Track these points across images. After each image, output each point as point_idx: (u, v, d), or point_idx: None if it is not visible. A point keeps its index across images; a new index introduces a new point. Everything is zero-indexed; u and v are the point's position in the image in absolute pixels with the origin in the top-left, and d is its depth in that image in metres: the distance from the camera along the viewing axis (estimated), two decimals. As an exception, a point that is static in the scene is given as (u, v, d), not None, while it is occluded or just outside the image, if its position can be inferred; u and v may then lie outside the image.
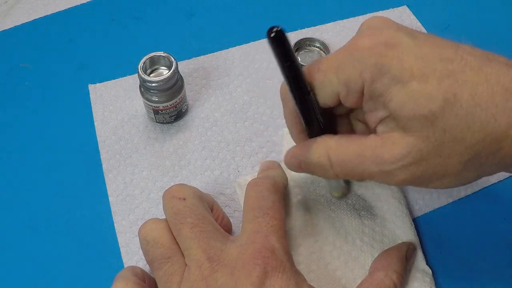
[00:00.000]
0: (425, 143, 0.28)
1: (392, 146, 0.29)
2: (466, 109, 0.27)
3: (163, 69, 0.45)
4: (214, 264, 0.31)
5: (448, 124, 0.27)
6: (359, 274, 0.37)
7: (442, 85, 0.27)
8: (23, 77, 0.51)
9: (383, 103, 0.29)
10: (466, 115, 0.27)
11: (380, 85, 0.28)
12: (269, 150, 0.45)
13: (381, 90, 0.28)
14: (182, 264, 0.32)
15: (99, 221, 0.42)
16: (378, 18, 0.32)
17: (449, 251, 0.39)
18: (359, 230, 0.39)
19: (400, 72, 0.28)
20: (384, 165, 0.29)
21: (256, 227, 0.33)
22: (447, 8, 0.57)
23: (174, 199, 0.34)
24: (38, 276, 0.39)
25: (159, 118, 0.46)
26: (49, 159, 0.45)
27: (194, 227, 0.33)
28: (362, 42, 0.29)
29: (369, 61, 0.29)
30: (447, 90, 0.27)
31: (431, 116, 0.27)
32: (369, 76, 0.29)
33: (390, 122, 0.29)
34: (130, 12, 0.57)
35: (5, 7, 0.58)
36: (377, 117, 0.30)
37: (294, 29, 0.54)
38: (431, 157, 0.28)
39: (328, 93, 0.31)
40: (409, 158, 0.28)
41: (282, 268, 0.31)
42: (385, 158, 0.29)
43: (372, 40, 0.29)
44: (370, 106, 0.30)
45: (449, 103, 0.27)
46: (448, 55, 0.28)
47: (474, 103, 0.27)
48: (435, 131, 0.27)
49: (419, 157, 0.28)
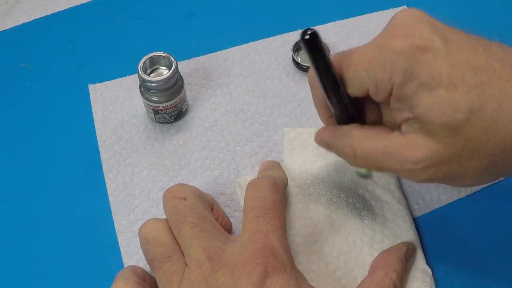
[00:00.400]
0: (446, 149, 0.28)
1: (415, 148, 0.30)
2: (489, 122, 0.27)
3: (163, 69, 0.45)
4: (214, 264, 0.31)
5: (471, 135, 0.28)
6: (359, 274, 0.37)
7: (469, 96, 0.27)
8: (23, 77, 0.51)
9: (410, 105, 0.29)
10: (488, 128, 0.27)
11: (408, 89, 0.29)
12: (269, 150, 0.45)
13: (409, 94, 0.29)
14: (182, 264, 0.32)
15: (99, 221, 0.42)
16: (411, 11, 0.31)
17: (449, 251, 0.39)
18: (359, 230, 0.39)
19: (429, 78, 0.28)
20: (407, 165, 0.30)
21: (257, 226, 0.33)
22: (447, 8, 0.57)
23: (174, 199, 0.34)
24: (38, 276, 0.39)
25: (159, 118, 0.46)
26: (49, 159, 0.45)
27: (195, 227, 0.33)
28: (394, 44, 0.29)
29: (400, 66, 0.29)
30: (474, 102, 0.27)
31: (455, 126, 0.28)
32: (398, 80, 0.29)
33: (414, 123, 0.30)
34: (130, 12, 0.57)
35: (5, 7, 0.58)
36: (403, 116, 0.30)
37: (294, 29, 0.54)
38: (451, 162, 0.29)
39: (358, 87, 0.32)
40: (430, 161, 0.29)
41: (282, 268, 0.31)
42: (407, 158, 0.30)
43: (404, 43, 0.29)
44: (397, 106, 0.31)
45: (474, 115, 0.27)
46: (478, 63, 0.28)
47: (498, 117, 0.27)
48: (457, 140, 0.28)
49: (439, 161, 0.29)
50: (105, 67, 0.52)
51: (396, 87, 0.29)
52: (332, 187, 0.41)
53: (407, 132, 0.30)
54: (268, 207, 0.34)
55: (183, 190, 0.35)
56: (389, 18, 0.33)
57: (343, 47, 0.53)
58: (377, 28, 0.54)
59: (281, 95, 0.49)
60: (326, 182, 0.41)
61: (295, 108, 0.48)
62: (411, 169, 0.30)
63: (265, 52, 0.53)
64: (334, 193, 0.41)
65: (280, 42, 0.53)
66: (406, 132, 0.31)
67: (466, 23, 0.56)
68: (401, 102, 0.30)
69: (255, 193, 0.36)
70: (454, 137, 0.28)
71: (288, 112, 0.48)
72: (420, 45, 0.29)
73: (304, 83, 0.50)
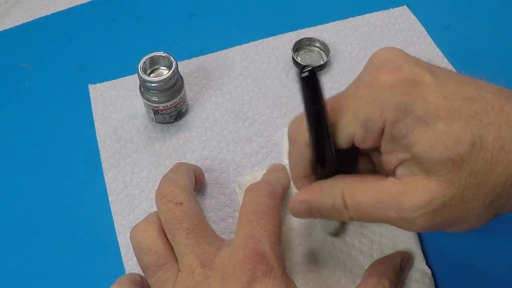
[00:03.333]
0: (450, 188, 0.26)
1: (414, 192, 0.27)
2: (491, 152, 0.26)
3: (163, 69, 0.45)
4: (206, 270, 0.31)
5: (475, 168, 0.26)
6: (358, 274, 0.37)
7: (469, 128, 0.26)
8: (23, 77, 0.51)
9: (405, 145, 0.27)
10: (491, 158, 0.26)
11: (403, 126, 0.27)
12: (269, 150, 0.45)
13: (405, 132, 0.27)
14: (175, 271, 0.32)
15: (99, 221, 0.42)
16: (391, 50, 0.30)
17: (449, 251, 0.39)
18: (357, 232, 0.39)
19: (425, 112, 0.26)
20: (405, 213, 0.28)
21: (250, 231, 0.32)
22: (447, 8, 0.57)
23: (170, 204, 0.34)
24: (38, 276, 0.39)
25: (159, 118, 0.46)
26: (49, 158, 0.45)
27: (190, 233, 0.32)
28: (383, 78, 0.27)
29: (391, 101, 0.27)
30: (474, 133, 0.26)
31: (459, 160, 0.26)
32: (392, 116, 0.27)
33: (412, 165, 0.28)
34: (130, 12, 0.57)
35: (5, 7, 0.58)
36: (397, 158, 0.28)
37: (294, 29, 0.54)
38: (454, 203, 0.27)
39: (344, 134, 0.30)
40: (432, 205, 0.27)
41: (272, 274, 0.30)
42: (406, 205, 0.27)
43: (393, 77, 0.27)
44: (389, 147, 0.28)
45: (476, 147, 0.26)
46: (470, 94, 0.27)
47: (498, 146, 0.26)
48: (461, 176, 0.26)
49: (442, 204, 0.27)
50: (105, 67, 0.52)
51: (389, 125, 0.27)
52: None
53: (404, 176, 0.28)
54: (263, 212, 0.34)
55: (178, 194, 0.34)
56: (389, 18, 0.33)
57: (343, 47, 0.53)
58: (377, 28, 0.55)
59: (281, 95, 0.49)
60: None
61: (295, 108, 0.48)
62: (409, 217, 0.27)
63: (265, 52, 0.53)
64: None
65: (280, 42, 0.53)
66: (403, 176, 0.28)
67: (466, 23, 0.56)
68: (394, 142, 0.28)
69: (251, 198, 0.35)
70: (458, 173, 0.26)
71: (288, 112, 0.48)
72: (410, 78, 0.27)
73: (304, 83, 0.50)
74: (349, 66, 0.52)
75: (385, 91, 0.27)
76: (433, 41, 0.53)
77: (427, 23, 0.55)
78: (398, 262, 0.36)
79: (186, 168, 0.39)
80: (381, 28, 0.55)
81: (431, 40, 0.54)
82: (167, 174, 0.38)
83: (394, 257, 0.36)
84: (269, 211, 0.34)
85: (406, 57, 0.29)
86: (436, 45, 0.53)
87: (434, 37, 0.54)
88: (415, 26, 0.55)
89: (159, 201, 0.35)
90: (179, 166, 0.39)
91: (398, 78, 0.27)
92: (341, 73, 0.51)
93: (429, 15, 0.56)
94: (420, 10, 0.56)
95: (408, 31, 0.54)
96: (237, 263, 0.30)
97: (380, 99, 0.27)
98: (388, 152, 0.29)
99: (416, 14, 0.56)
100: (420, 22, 0.55)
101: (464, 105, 0.26)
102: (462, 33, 0.55)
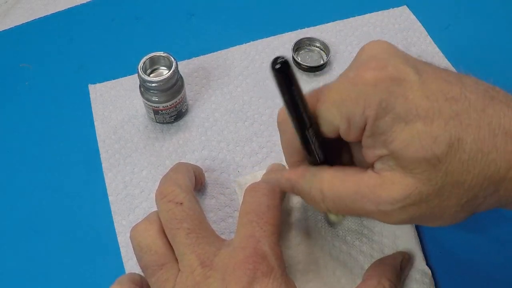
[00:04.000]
0: (426, 186, 0.27)
1: (391, 187, 0.28)
2: (468, 154, 0.26)
3: (163, 69, 0.45)
4: (206, 270, 0.31)
5: (451, 168, 0.26)
6: (358, 274, 0.37)
7: (448, 128, 0.26)
8: (23, 77, 0.51)
9: (384, 141, 0.28)
10: (468, 160, 0.26)
11: (383, 123, 0.27)
12: (269, 150, 0.45)
13: (384, 129, 0.28)
14: (175, 271, 0.32)
15: (99, 221, 0.42)
16: (380, 44, 0.30)
17: (449, 251, 0.39)
18: (357, 231, 0.39)
19: (405, 111, 0.27)
20: (382, 205, 0.28)
21: (250, 231, 0.33)
22: (447, 8, 0.57)
23: (170, 204, 0.34)
24: (38, 276, 0.39)
25: (159, 118, 0.46)
26: (49, 158, 0.45)
27: (190, 233, 0.32)
28: (367, 76, 0.28)
29: (373, 99, 0.27)
30: (452, 134, 0.26)
31: (435, 160, 0.26)
32: (372, 114, 0.28)
33: (390, 160, 0.28)
34: (130, 12, 0.57)
35: (5, 7, 0.58)
36: (376, 154, 0.29)
37: (294, 29, 0.54)
38: (430, 199, 0.27)
39: (329, 126, 0.30)
40: (409, 199, 0.27)
41: (272, 274, 0.31)
42: (383, 198, 0.28)
43: (377, 75, 0.28)
44: (370, 142, 0.29)
45: (453, 148, 0.26)
46: (453, 94, 0.27)
47: (476, 147, 0.26)
48: (437, 174, 0.27)
49: (419, 199, 0.27)
50: (105, 67, 0.52)
51: (370, 122, 0.28)
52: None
53: (382, 170, 0.29)
54: (262, 212, 0.34)
55: (179, 194, 0.34)
56: (389, 18, 0.33)
57: (343, 47, 0.53)
58: (377, 28, 0.55)
59: (281, 95, 0.49)
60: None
61: (295, 108, 0.48)
62: (387, 210, 0.28)
63: (265, 52, 0.53)
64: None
65: (280, 42, 0.53)
66: (381, 170, 0.29)
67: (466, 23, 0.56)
68: (374, 138, 0.28)
69: (251, 198, 0.35)
70: (434, 172, 0.27)
71: (288, 112, 0.48)
72: (394, 76, 0.27)
73: (304, 83, 0.50)
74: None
75: (368, 89, 0.28)
76: (433, 41, 0.53)
77: (427, 23, 0.55)
78: (398, 262, 0.36)
79: (186, 168, 0.39)
80: (381, 28, 0.55)
81: (431, 40, 0.54)
82: (168, 174, 0.38)
83: (395, 257, 0.36)
84: (269, 211, 0.34)
85: (394, 53, 0.29)
86: (436, 45, 0.53)
87: (434, 37, 0.54)
88: (415, 26, 0.55)
89: (160, 200, 0.35)
90: (179, 166, 0.39)
91: (381, 75, 0.28)
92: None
93: (429, 15, 0.56)
94: (420, 10, 0.56)
95: (408, 31, 0.54)
96: (238, 263, 0.31)
97: (362, 96, 0.28)
98: (368, 147, 0.29)
99: (416, 14, 0.56)
100: (420, 22, 0.55)
101: (445, 105, 0.27)
102: (462, 33, 0.55)
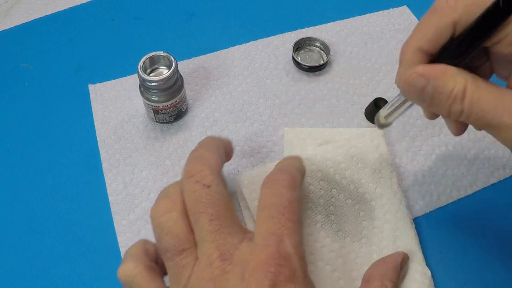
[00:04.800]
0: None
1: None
2: None
3: (163, 69, 0.45)
4: (226, 264, 0.29)
5: None
6: (358, 276, 0.37)
7: None
8: (23, 77, 0.51)
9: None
10: None
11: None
12: (269, 150, 0.45)
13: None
14: (194, 257, 0.30)
15: (99, 221, 0.42)
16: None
17: (449, 251, 0.39)
18: (357, 232, 0.39)
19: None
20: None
21: (272, 227, 0.31)
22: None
23: (197, 185, 0.31)
24: (38, 276, 0.39)
25: (159, 117, 0.46)
26: (49, 158, 0.45)
27: (214, 220, 0.30)
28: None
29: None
30: None
31: None
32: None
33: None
34: (130, 12, 0.57)
35: (5, 7, 0.58)
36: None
37: (294, 29, 0.54)
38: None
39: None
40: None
41: (294, 278, 0.29)
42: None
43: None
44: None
45: None
46: None
47: None
48: None
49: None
50: (105, 67, 0.52)
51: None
52: (332, 188, 0.41)
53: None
54: (284, 206, 0.32)
55: (207, 175, 0.32)
56: (389, 18, 0.32)
57: (343, 47, 0.53)
58: (377, 28, 0.55)
59: (281, 95, 0.49)
60: (325, 182, 0.41)
61: (295, 108, 0.48)
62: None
63: (265, 51, 0.53)
64: (333, 194, 0.41)
65: (280, 41, 0.53)
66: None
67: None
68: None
69: (271, 190, 0.33)
70: None
71: (288, 112, 0.48)
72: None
73: (304, 83, 0.50)
74: (349, 66, 0.52)
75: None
76: (433, 41, 0.53)
77: (427, 23, 0.55)
78: (399, 262, 0.36)
79: (217, 144, 0.36)
80: (381, 28, 0.55)
81: (431, 40, 0.53)
82: (197, 151, 0.35)
83: (395, 257, 0.36)
84: (290, 205, 0.32)
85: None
86: (436, 45, 0.53)
87: (434, 37, 0.54)
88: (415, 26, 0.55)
89: (186, 180, 0.32)
90: (209, 141, 0.36)
91: None
92: (341, 73, 0.51)
93: (429, 15, 0.56)
94: (420, 10, 0.56)
95: (408, 31, 0.54)
96: (259, 263, 0.29)
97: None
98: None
99: (416, 14, 0.56)
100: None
101: None
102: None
